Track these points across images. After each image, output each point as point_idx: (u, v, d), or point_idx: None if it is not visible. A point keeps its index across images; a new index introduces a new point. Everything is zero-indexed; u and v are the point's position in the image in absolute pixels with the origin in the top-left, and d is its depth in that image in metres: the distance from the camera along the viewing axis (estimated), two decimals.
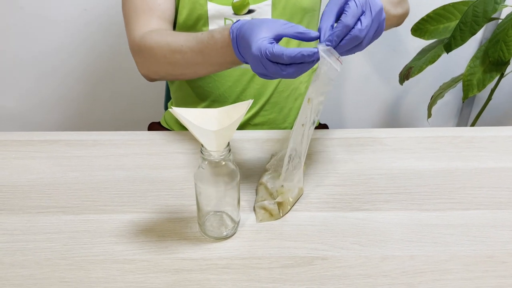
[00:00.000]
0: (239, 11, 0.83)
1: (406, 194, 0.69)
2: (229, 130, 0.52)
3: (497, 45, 1.06)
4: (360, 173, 0.73)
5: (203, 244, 0.60)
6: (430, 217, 0.65)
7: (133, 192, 0.69)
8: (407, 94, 1.63)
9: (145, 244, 0.60)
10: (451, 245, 0.60)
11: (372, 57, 1.54)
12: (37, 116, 1.62)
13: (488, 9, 1.02)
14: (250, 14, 0.84)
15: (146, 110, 1.56)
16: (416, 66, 1.25)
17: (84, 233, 0.62)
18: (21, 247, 0.60)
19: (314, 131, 0.85)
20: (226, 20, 0.84)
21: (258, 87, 0.89)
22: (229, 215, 0.62)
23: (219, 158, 0.54)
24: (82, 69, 1.52)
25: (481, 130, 0.84)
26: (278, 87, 0.90)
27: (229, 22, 0.84)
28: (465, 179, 0.72)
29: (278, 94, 0.91)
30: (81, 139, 0.80)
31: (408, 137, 0.82)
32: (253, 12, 0.84)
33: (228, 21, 0.84)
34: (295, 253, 0.59)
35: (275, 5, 0.83)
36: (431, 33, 1.23)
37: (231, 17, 0.84)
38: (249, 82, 0.88)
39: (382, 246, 0.60)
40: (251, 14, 0.84)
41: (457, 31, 1.07)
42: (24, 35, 1.45)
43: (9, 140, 0.80)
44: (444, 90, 1.33)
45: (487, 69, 1.10)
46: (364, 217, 0.65)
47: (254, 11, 0.84)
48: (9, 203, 0.67)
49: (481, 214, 0.65)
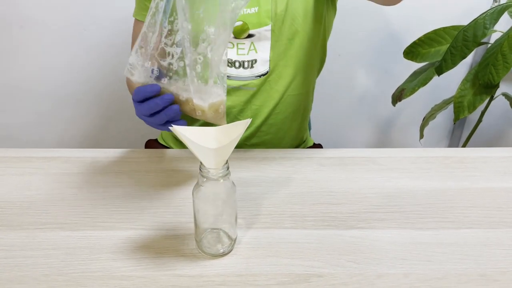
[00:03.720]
0: (239, 35, 0.85)
1: (400, 212, 0.70)
2: (227, 148, 0.54)
3: (486, 68, 1.09)
4: (355, 192, 0.75)
5: (200, 260, 0.61)
6: (423, 236, 0.66)
7: (131, 209, 0.70)
8: (399, 116, 1.66)
9: (143, 260, 0.61)
10: (445, 263, 0.61)
11: (365, 79, 1.57)
12: (34, 134, 1.62)
13: (478, 33, 1.05)
14: (250, 38, 0.86)
15: (143, 127, 1.57)
16: (408, 88, 1.27)
17: (82, 249, 0.62)
18: (19, 263, 0.60)
19: (309, 151, 0.87)
20: None
21: (255, 107, 0.91)
22: (226, 232, 0.62)
23: (217, 176, 0.55)
24: (80, 88, 1.54)
25: (472, 151, 0.86)
26: (275, 108, 0.92)
27: (229, 45, 0.86)
28: (458, 198, 0.74)
29: (275, 115, 0.93)
30: (79, 156, 0.81)
31: (402, 157, 0.84)
32: (253, 36, 0.85)
33: (228, 44, 0.86)
34: (291, 270, 0.60)
35: (274, 31, 0.85)
36: (423, 56, 1.26)
37: (232, 41, 0.85)
38: (247, 103, 0.90)
39: (377, 264, 0.61)
40: (251, 38, 0.86)
41: (448, 55, 1.10)
42: (24, 54, 1.47)
43: (7, 157, 0.81)
44: (435, 112, 1.36)
45: (477, 91, 1.13)
46: (359, 235, 0.66)
47: (253, 35, 0.86)
48: (7, 219, 0.67)
49: (473, 233, 0.67)
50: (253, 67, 0.87)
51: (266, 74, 0.88)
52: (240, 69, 0.87)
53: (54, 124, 1.61)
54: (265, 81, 0.88)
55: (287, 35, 0.86)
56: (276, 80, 0.89)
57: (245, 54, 0.86)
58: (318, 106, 1.30)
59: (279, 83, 0.89)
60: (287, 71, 0.89)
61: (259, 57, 0.86)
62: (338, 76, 1.53)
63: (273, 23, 0.85)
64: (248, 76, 0.87)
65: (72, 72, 1.50)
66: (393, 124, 1.68)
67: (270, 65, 0.87)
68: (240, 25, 0.84)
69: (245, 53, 0.86)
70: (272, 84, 0.89)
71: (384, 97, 1.52)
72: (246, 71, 0.87)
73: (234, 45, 0.85)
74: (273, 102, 0.91)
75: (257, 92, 0.89)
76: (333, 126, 1.66)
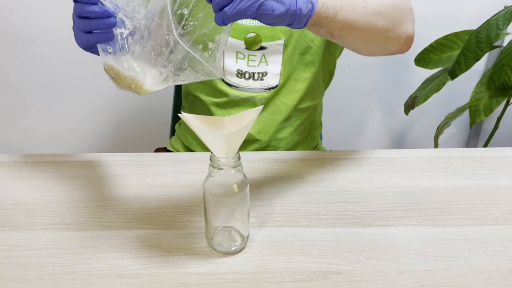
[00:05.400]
0: (251, 46, 0.84)
1: (419, 210, 0.67)
2: (239, 135, 0.51)
3: (501, 70, 1.07)
4: (372, 191, 0.72)
5: (211, 258, 0.58)
6: (446, 233, 0.63)
7: (139, 209, 0.67)
8: (412, 126, 1.63)
9: (151, 259, 0.58)
10: (470, 259, 0.58)
11: (376, 89, 1.55)
12: (43, 148, 1.62)
13: (491, 35, 1.03)
14: (262, 50, 0.84)
15: (152, 136, 1.57)
16: (421, 96, 1.25)
17: (88, 249, 0.59)
18: (23, 262, 0.57)
19: (321, 152, 0.84)
20: (238, 53, 0.85)
21: (263, 120, 0.89)
22: (238, 231, 0.60)
23: (228, 165, 0.53)
24: (89, 100, 1.54)
25: (491, 151, 0.83)
26: (284, 122, 0.90)
27: (240, 55, 0.85)
28: (480, 196, 0.70)
29: (284, 129, 0.91)
30: (86, 160, 0.80)
31: (419, 157, 0.81)
32: (265, 49, 0.84)
33: (240, 55, 0.85)
34: (307, 267, 0.57)
35: (286, 45, 0.84)
36: (435, 62, 1.24)
37: (243, 51, 0.84)
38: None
39: (398, 261, 0.58)
40: (263, 51, 0.84)
41: (462, 58, 1.08)
42: (34, 69, 1.48)
43: (14, 161, 0.79)
44: (450, 120, 1.33)
45: (493, 94, 1.11)
46: (377, 232, 0.63)
47: (266, 48, 0.84)
48: (12, 220, 0.65)
49: (498, 229, 0.63)
50: (263, 79, 0.86)
51: (276, 88, 0.86)
52: (250, 81, 0.86)
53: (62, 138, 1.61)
54: (275, 94, 0.87)
55: (299, 51, 0.85)
56: (285, 94, 0.88)
57: (256, 66, 0.85)
58: (329, 117, 1.27)
59: (289, 97, 0.88)
60: (297, 86, 0.88)
61: (269, 70, 0.85)
62: (349, 86, 1.51)
63: (286, 38, 0.83)
64: (257, 88, 0.86)
65: (81, 84, 1.50)
66: (407, 134, 1.65)
67: (281, 79, 0.86)
68: (253, 36, 0.83)
69: (256, 65, 0.85)
70: (282, 98, 0.88)
71: (396, 106, 1.50)
72: (256, 83, 0.86)
73: (245, 56, 0.84)
74: (282, 115, 0.89)
75: (265, 105, 0.87)
76: (345, 136, 1.63)
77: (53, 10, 1.38)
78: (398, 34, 0.67)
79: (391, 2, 0.65)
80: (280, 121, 0.90)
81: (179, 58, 0.54)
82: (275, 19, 0.52)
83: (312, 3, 0.54)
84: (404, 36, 0.68)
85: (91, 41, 0.57)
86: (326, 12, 0.56)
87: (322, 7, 0.56)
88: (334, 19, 0.58)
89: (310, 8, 0.54)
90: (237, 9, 0.49)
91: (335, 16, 0.57)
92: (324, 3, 0.56)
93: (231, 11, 0.49)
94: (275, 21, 0.53)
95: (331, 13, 0.57)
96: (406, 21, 0.67)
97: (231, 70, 0.85)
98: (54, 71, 1.48)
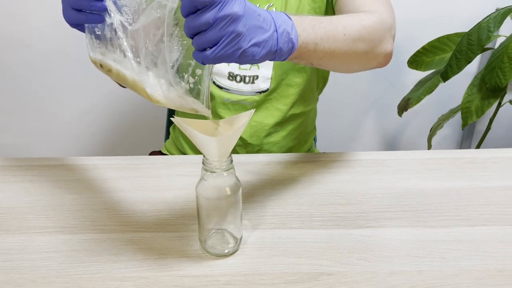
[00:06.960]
0: None
1: (411, 212, 0.68)
2: (231, 138, 0.52)
3: (493, 71, 1.08)
4: (364, 192, 0.72)
5: (204, 261, 0.58)
6: (436, 234, 0.63)
7: (133, 212, 0.68)
8: (406, 128, 1.64)
9: (145, 261, 0.58)
10: (460, 260, 0.59)
11: (369, 92, 1.56)
12: (38, 151, 1.62)
13: (482, 37, 1.04)
14: None
15: (147, 139, 1.57)
16: (414, 97, 1.26)
17: (82, 252, 0.60)
18: (16, 266, 0.58)
19: (314, 155, 0.85)
20: None
21: (255, 124, 0.89)
22: (231, 233, 0.60)
23: (221, 169, 0.54)
24: (84, 104, 1.54)
25: (482, 152, 0.84)
26: (276, 126, 0.91)
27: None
28: (471, 197, 0.71)
29: (276, 133, 0.92)
30: (80, 164, 0.80)
31: (411, 159, 0.82)
32: None
33: None
34: (299, 269, 0.57)
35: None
36: (427, 64, 1.25)
37: None
38: None
39: (389, 262, 0.58)
40: None
41: (453, 60, 1.09)
42: (29, 72, 1.48)
43: (7, 165, 0.79)
44: (443, 121, 1.34)
45: (484, 95, 1.12)
46: (369, 234, 0.63)
47: None
48: (5, 223, 0.65)
49: (489, 230, 0.64)
50: (254, 82, 0.86)
51: (267, 91, 0.87)
52: (241, 84, 0.86)
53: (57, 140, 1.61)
54: (266, 98, 0.88)
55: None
56: (277, 98, 0.88)
57: (247, 69, 0.85)
58: (323, 119, 1.28)
59: (281, 102, 0.88)
60: (289, 91, 0.88)
61: (261, 73, 0.86)
62: (342, 88, 1.52)
63: None
64: (248, 91, 0.87)
65: (77, 87, 1.50)
66: (400, 136, 1.66)
67: (272, 83, 0.86)
68: None
69: (247, 68, 0.85)
70: (273, 102, 0.88)
71: (389, 108, 1.51)
72: (247, 86, 0.86)
73: None
74: (274, 120, 0.90)
75: (257, 109, 0.88)
76: (339, 138, 1.64)
77: (48, 13, 1.38)
78: (377, 54, 0.66)
79: (372, 24, 0.64)
80: (272, 125, 0.90)
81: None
82: (257, 62, 0.52)
83: (293, 43, 0.53)
84: (383, 55, 0.67)
85: (80, 20, 0.55)
86: (306, 47, 0.56)
87: (303, 43, 0.55)
88: (314, 52, 0.57)
89: (290, 47, 0.53)
90: (219, 55, 0.47)
91: (315, 50, 0.57)
92: (305, 39, 0.55)
93: (213, 55, 0.47)
94: (256, 63, 0.53)
95: (311, 47, 0.56)
96: (385, 40, 0.67)
97: (223, 72, 0.86)
98: (48, 75, 1.48)
